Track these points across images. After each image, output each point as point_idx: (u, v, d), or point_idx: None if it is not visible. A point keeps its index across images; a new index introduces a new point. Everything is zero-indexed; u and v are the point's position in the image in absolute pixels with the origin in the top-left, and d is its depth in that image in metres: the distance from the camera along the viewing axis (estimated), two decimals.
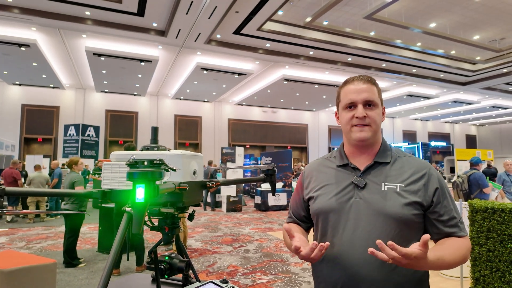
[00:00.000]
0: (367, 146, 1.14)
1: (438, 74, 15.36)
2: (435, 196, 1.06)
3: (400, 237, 1.02)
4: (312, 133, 23.09)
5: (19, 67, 12.99)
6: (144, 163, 0.76)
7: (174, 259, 1.06)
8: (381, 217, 1.03)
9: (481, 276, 2.96)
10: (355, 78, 1.15)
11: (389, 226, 1.02)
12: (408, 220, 1.03)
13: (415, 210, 1.04)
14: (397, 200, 1.04)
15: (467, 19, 10.50)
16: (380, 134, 1.17)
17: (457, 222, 1.06)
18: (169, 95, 18.32)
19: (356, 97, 1.10)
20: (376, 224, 1.03)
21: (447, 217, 1.05)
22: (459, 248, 1.02)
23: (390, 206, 1.03)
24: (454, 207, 1.08)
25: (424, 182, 1.07)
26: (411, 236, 1.04)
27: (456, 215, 1.07)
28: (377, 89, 1.14)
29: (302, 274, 4.44)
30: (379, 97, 1.13)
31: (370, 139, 1.11)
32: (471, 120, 27.92)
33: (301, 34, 10.79)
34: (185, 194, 1.01)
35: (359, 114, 1.09)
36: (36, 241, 6.38)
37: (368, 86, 1.12)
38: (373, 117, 1.09)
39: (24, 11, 8.87)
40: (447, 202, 1.07)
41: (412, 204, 1.03)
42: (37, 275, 3.13)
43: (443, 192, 1.08)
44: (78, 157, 5.66)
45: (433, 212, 1.06)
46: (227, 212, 10.35)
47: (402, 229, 1.03)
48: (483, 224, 2.95)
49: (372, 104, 1.10)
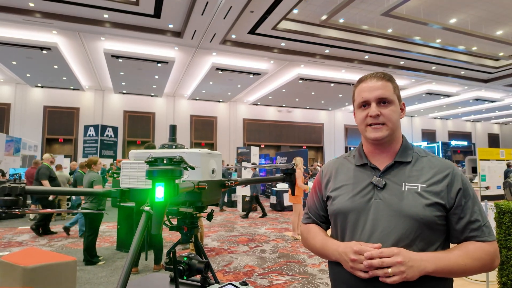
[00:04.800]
0: (385, 145, 1.10)
1: (459, 71, 14.90)
2: (457, 197, 1.01)
3: (421, 240, 0.98)
4: (328, 133, 22.84)
5: (41, 70, 13.40)
6: (164, 161, 0.74)
7: (193, 259, 1.04)
8: (402, 218, 0.99)
9: (509, 281, 2.83)
10: (369, 75, 1.12)
11: (410, 227, 0.98)
12: (429, 222, 0.98)
13: (437, 211, 0.99)
14: (418, 201, 1.00)
15: (489, 14, 10.13)
16: (399, 132, 1.12)
17: (480, 226, 1.00)
18: (185, 95, 18.51)
19: (369, 95, 1.08)
20: (396, 225, 0.99)
21: (468, 220, 1.00)
22: (475, 252, 0.96)
23: (410, 207, 0.99)
24: (480, 209, 1.02)
25: (448, 182, 1.02)
26: (433, 239, 1.00)
27: (480, 218, 1.01)
28: (393, 85, 1.10)
29: (320, 275, 4.37)
30: (395, 93, 1.09)
31: (386, 137, 1.07)
32: (494, 118, 26.98)
33: (316, 33, 10.67)
34: (204, 193, 0.99)
35: (372, 112, 1.06)
36: (58, 239, 6.55)
37: (382, 83, 1.08)
38: (387, 115, 1.06)
39: (45, 15, 9.14)
40: (470, 204, 1.01)
41: (434, 205, 0.99)
42: (58, 272, 3.20)
43: (467, 193, 1.02)
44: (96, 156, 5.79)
45: (454, 213, 1.01)
46: (242, 212, 10.35)
47: (423, 231, 0.99)
48: (511, 226, 2.82)
49: (386, 102, 1.07)
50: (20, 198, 0.93)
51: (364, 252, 0.94)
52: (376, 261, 0.91)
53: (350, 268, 0.98)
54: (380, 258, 0.92)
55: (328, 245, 1.09)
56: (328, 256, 1.09)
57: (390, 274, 0.90)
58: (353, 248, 0.97)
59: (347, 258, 0.98)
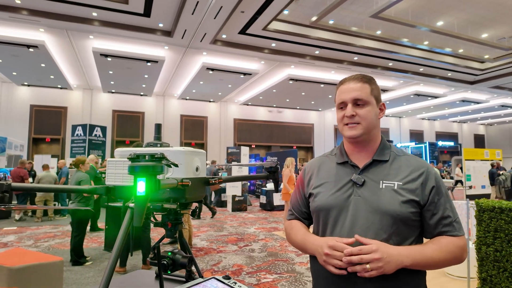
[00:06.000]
0: (363, 144, 1.15)
1: (446, 73, 15.19)
2: (431, 194, 1.06)
3: (397, 235, 1.03)
4: (318, 133, 23.00)
5: (28, 68, 13.16)
6: (146, 157, 0.76)
7: (177, 254, 1.06)
8: (379, 214, 1.04)
9: (488, 276, 2.92)
10: (348, 78, 1.17)
11: (386, 223, 1.03)
12: (405, 218, 1.03)
13: (412, 208, 1.04)
14: (395, 198, 1.04)
15: (475, 17, 10.36)
16: (377, 131, 1.17)
17: (451, 221, 1.06)
18: (175, 95, 18.41)
19: (345, 97, 1.13)
20: (373, 221, 1.04)
21: (441, 216, 1.06)
22: (447, 246, 1.03)
23: (387, 203, 1.04)
24: (451, 206, 1.08)
25: (422, 181, 1.07)
26: (408, 234, 1.05)
27: (451, 214, 1.07)
28: (371, 87, 1.14)
29: (307, 273, 4.42)
30: (372, 95, 1.13)
31: (361, 136, 1.12)
32: (480, 119, 27.56)
33: (307, 34, 10.75)
34: (188, 190, 1.01)
35: (348, 113, 1.12)
36: (44, 239, 6.46)
37: (359, 85, 1.13)
38: (362, 115, 1.11)
39: (32, 13, 8.98)
40: (442, 201, 1.07)
41: (409, 202, 1.04)
42: (45, 273, 3.17)
43: (439, 190, 1.08)
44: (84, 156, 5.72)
45: (427, 210, 1.06)
46: (232, 212, 10.37)
47: (399, 227, 1.04)
48: (490, 224, 2.91)
49: (362, 103, 1.11)
50: (6, 195, 0.94)
51: (338, 248, 0.98)
52: (355, 257, 0.95)
53: (323, 262, 1.02)
54: (359, 255, 0.95)
55: (307, 240, 1.14)
56: (307, 250, 1.13)
57: (368, 270, 0.94)
58: (328, 243, 1.00)
59: (322, 252, 1.02)
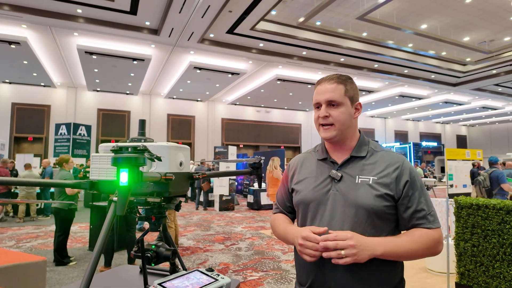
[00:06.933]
0: (339, 143, 1.19)
1: (429, 75, 15.56)
2: (405, 188, 1.10)
3: (372, 228, 1.07)
4: (305, 133, 23.18)
5: (9, 65, 12.81)
6: (128, 149, 0.78)
7: (160, 247, 1.08)
8: (354, 208, 1.08)
9: (466, 271, 3.03)
10: (323, 79, 1.19)
11: (361, 216, 1.07)
12: (379, 211, 1.08)
13: (386, 202, 1.08)
14: (369, 192, 1.08)
15: (457, 21, 10.66)
16: (352, 130, 1.19)
17: (425, 214, 1.09)
18: (162, 94, 18.24)
19: (320, 98, 1.16)
20: (350, 214, 1.08)
21: (415, 209, 1.09)
22: (420, 237, 1.06)
23: (362, 197, 1.08)
24: (426, 200, 1.12)
25: (397, 175, 1.11)
26: (383, 227, 1.09)
27: (426, 207, 1.10)
28: (346, 87, 1.16)
29: (293, 270, 4.47)
30: (346, 95, 1.15)
31: (335, 137, 1.15)
32: (462, 120, 28.33)
33: (294, 34, 10.84)
34: (171, 184, 1.03)
35: (321, 114, 1.15)
36: (26, 240, 6.32)
37: (334, 86, 1.15)
38: (335, 116, 1.13)
39: (15, 8, 8.76)
40: (416, 194, 1.10)
41: (383, 196, 1.08)
42: (27, 273, 3.11)
43: (414, 184, 1.11)
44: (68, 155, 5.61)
45: (401, 203, 1.10)
46: (219, 211, 10.36)
47: (373, 220, 1.08)
48: (468, 220, 3.01)
49: (335, 104, 1.14)
50: None
51: (311, 239, 1.02)
52: (331, 243, 0.98)
53: (298, 251, 1.06)
54: (334, 241, 0.99)
55: (288, 231, 1.18)
56: (289, 241, 1.17)
57: (342, 256, 0.98)
58: (301, 234, 1.04)
59: (296, 242, 1.06)
